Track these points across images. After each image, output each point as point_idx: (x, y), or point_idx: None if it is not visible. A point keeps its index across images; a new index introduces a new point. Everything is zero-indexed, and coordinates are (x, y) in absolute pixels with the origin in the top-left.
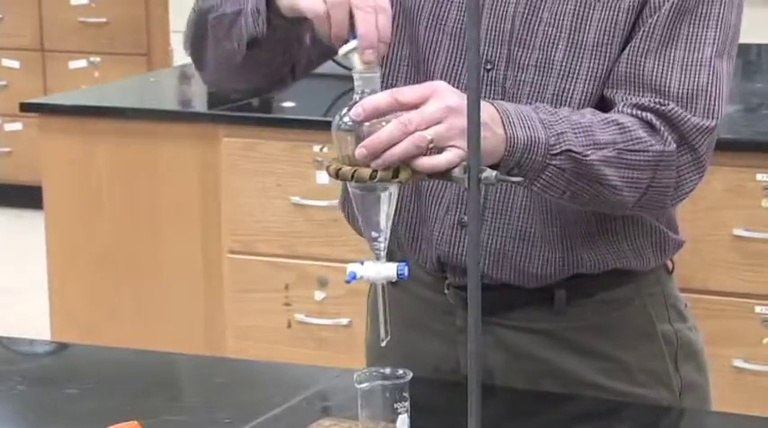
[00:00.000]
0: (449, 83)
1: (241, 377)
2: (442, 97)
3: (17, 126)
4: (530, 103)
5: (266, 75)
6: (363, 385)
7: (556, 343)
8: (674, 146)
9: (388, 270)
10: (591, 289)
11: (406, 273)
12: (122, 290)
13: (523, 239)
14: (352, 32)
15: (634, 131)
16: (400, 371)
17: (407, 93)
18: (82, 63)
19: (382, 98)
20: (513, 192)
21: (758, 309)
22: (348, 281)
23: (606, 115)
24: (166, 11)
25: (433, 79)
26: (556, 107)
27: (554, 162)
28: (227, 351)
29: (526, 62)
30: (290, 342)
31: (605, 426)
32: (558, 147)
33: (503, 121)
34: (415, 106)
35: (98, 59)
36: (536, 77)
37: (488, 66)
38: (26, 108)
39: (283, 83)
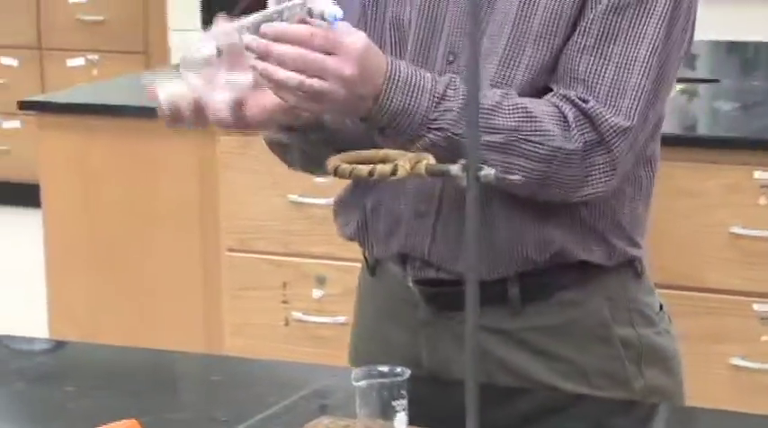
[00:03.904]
0: None
1: (239, 375)
2: (343, 62)
3: (15, 124)
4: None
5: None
6: (361, 383)
7: (512, 343)
8: (580, 145)
9: (325, 3)
10: (545, 289)
11: (336, 20)
12: (120, 288)
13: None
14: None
15: (540, 122)
16: (398, 369)
17: (320, 39)
18: (80, 61)
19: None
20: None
21: (756, 307)
22: None
23: (522, 101)
24: (164, 8)
25: None
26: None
27: (429, 135)
28: (224, 348)
29: (480, 52)
30: (287, 340)
31: (562, 422)
32: (437, 122)
33: (386, 84)
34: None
35: (96, 57)
36: (482, 66)
37: (450, 58)
38: (24, 106)
39: None
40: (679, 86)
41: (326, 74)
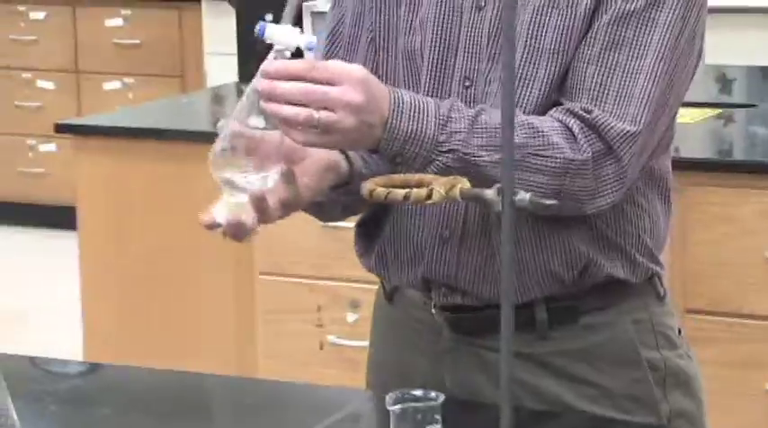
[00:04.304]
0: None
1: (272, 398)
2: (349, 91)
3: (51, 147)
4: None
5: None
6: (395, 407)
7: (539, 367)
8: (589, 155)
9: (296, 38)
10: (571, 313)
11: (314, 46)
12: (154, 311)
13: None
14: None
15: (547, 136)
16: (432, 393)
17: (321, 72)
18: (116, 84)
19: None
20: None
21: None
22: (257, 35)
23: (526, 118)
24: (200, 32)
25: None
26: None
27: (440, 158)
28: (258, 372)
29: (495, 75)
30: (321, 363)
31: None
32: (446, 145)
33: (391, 111)
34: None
35: (132, 81)
36: (499, 89)
37: (467, 83)
38: (60, 129)
39: None
40: (715, 111)
41: (333, 104)
